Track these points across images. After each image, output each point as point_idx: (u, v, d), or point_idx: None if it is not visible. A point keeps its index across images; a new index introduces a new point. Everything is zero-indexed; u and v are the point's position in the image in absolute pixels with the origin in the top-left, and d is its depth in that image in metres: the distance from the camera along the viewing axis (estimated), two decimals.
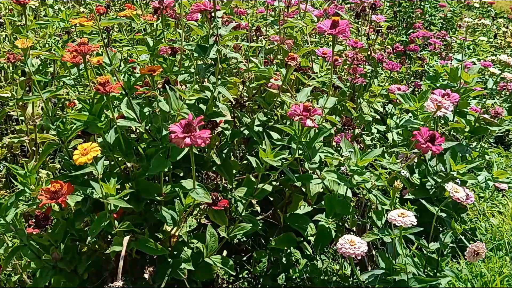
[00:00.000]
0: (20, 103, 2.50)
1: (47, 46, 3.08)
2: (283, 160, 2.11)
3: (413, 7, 5.84)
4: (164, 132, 1.93)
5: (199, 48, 2.03)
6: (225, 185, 2.74)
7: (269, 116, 2.45)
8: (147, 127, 2.07)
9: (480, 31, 6.45)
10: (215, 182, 2.70)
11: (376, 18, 3.15)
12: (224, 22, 2.50)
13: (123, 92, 2.02)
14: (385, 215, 2.25)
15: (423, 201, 2.26)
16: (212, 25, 2.05)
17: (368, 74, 3.22)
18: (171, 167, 2.12)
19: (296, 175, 2.31)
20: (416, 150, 2.55)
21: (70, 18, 2.86)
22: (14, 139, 2.50)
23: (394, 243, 2.10)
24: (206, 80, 2.31)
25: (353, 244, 1.88)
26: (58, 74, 3.17)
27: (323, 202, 2.38)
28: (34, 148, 2.55)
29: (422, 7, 5.71)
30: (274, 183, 2.40)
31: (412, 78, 4.20)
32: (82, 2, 5.10)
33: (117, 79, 2.02)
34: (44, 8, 3.72)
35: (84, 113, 1.98)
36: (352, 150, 2.19)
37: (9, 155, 3.05)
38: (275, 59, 2.67)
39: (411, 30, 4.52)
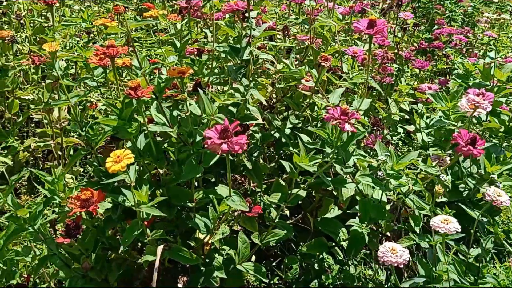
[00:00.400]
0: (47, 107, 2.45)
1: (67, 47, 3.03)
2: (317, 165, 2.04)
3: (432, 2, 5.74)
4: (198, 138, 1.86)
5: (232, 50, 1.96)
6: (253, 188, 2.67)
7: (301, 119, 2.38)
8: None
9: (499, 26, 6.33)
10: (243, 186, 2.63)
11: (404, 15, 3.06)
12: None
13: (153, 96, 1.96)
14: (422, 220, 2.19)
15: (462, 206, 2.17)
16: (244, 26, 1.98)
17: (394, 73, 3.14)
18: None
19: (328, 178, 2.24)
20: (450, 152, 2.48)
21: (91, 18, 2.81)
22: (40, 143, 2.45)
23: (435, 250, 2.03)
24: (234, 81, 2.25)
25: (394, 252, 1.80)
26: (79, 75, 3.12)
27: (357, 207, 2.31)
28: (60, 152, 2.50)
29: (442, 3, 5.61)
30: (302, 185, 2.33)
31: (433, 75, 4.11)
32: (98, 1, 5.05)
33: (147, 83, 1.96)
34: (63, 8, 3.67)
35: (112, 118, 1.92)
36: (389, 153, 2.12)
37: (31, 158, 3.01)
38: (305, 59, 2.59)
39: (436, 27, 4.42)
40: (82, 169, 2.98)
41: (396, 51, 3.05)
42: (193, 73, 2.04)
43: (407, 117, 3.08)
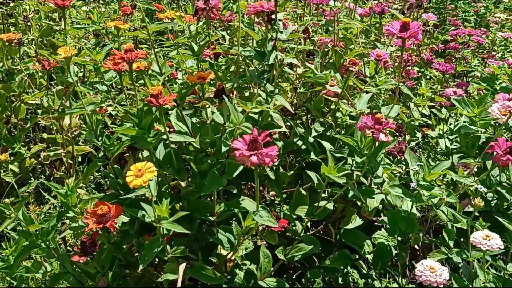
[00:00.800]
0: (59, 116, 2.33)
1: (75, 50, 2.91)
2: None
3: (443, 3, 5.63)
4: (224, 149, 1.73)
5: (258, 54, 1.84)
6: (272, 198, 2.56)
7: (325, 126, 2.26)
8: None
9: (509, 27, 6.21)
10: (262, 195, 2.52)
11: (427, 16, 2.94)
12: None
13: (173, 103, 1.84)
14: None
15: (499, 218, 2.06)
16: (270, 28, 1.86)
17: (414, 77, 3.02)
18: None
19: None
20: (479, 160, 2.37)
21: (101, 20, 2.70)
22: (50, 153, 2.33)
23: (472, 266, 1.91)
24: (256, 86, 2.14)
25: (433, 271, 1.69)
26: (88, 79, 3.00)
27: (384, 219, 2.20)
28: (70, 161, 2.38)
29: (455, 4, 5.50)
30: (323, 195, 2.22)
31: (451, 78, 3.99)
32: (102, 2, 4.93)
33: (167, 90, 1.84)
34: (70, 10, 3.55)
35: (128, 126, 1.80)
36: (422, 163, 2.00)
37: (39, 166, 2.89)
38: (328, 63, 2.47)
39: (452, 28, 4.31)
40: (91, 177, 2.86)
41: (418, 53, 2.93)
42: (213, 78, 1.92)
43: (430, 122, 2.96)
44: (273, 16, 1.82)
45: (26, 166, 2.87)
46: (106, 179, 3.06)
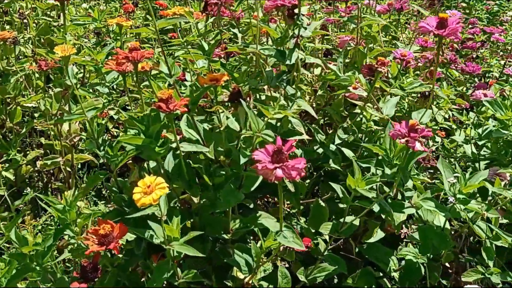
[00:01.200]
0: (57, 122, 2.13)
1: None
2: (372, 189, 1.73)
3: (455, 0, 5.45)
4: (243, 160, 1.53)
5: (278, 53, 1.64)
6: (288, 209, 2.37)
7: (350, 133, 2.07)
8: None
9: None
10: (276, 206, 2.33)
11: (451, 13, 2.75)
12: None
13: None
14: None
15: None
16: (291, 24, 1.66)
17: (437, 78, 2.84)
18: None
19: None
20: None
21: (102, 17, 2.51)
22: (47, 161, 2.13)
23: None
24: (268, 88, 1.95)
25: None
26: (88, 80, 2.81)
27: (414, 234, 2.01)
28: (69, 169, 2.18)
29: (467, 1, 5.31)
30: (343, 206, 2.03)
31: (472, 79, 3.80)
32: (102, 0, 4.76)
33: (177, 93, 1.64)
34: (69, 7, 3.35)
35: (133, 133, 1.60)
36: (458, 174, 1.80)
37: (36, 174, 2.69)
38: (349, 63, 2.27)
39: (469, 26, 4.12)
40: None
41: (442, 53, 2.74)
42: (235, 81, 1.73)
43: (453, 126, 2.77)
44: (296, 11, 1.63)
45: (22, 173, 2.68)
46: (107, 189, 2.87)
